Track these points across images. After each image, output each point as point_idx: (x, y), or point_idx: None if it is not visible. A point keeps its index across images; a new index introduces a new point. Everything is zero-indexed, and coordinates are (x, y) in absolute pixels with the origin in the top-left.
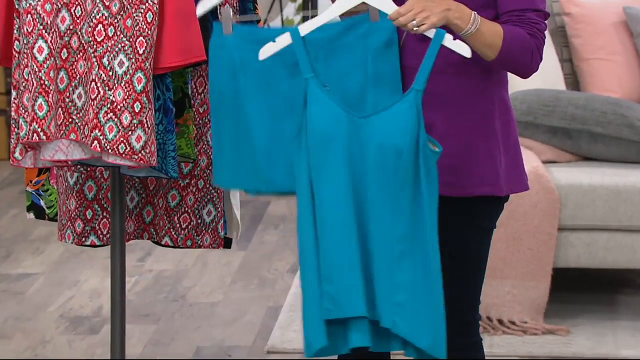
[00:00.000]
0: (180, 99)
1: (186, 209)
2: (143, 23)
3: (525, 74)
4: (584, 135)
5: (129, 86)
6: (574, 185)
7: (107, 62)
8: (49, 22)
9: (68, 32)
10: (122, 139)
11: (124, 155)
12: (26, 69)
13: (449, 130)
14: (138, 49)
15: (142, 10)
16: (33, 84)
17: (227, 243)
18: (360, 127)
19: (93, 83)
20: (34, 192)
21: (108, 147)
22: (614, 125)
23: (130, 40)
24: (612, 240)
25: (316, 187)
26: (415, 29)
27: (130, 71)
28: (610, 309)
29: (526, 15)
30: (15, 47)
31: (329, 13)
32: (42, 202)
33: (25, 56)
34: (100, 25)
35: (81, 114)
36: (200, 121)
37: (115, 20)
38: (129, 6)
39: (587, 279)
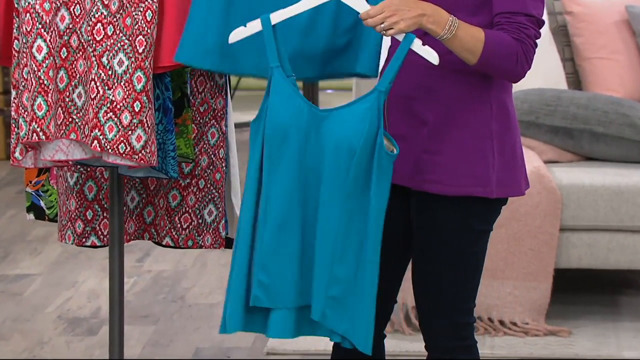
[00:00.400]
0: (179, 99)
1: (187, 209)
2: (142, 22)
3: (510, 79)
4: (586, 135)
5: (128, 85)
6: (576, 185)
7: (106, 61)
8: (48, 21)
9: (67, 31)
10: (122, 138)
11: (124, 155)
12: (25, 68)
13: (442, 127)
14: (138, 47)
15: (142, 9)
16: (32, 83)
17: (228, 243)
18: (321, 122)
19: (92, 82)
20: (33, 193)
21: (108, 147)
22: (615, 125)
23: (130, 39)
24: (614, 240)
25: (266, 177)
26: (383, 32)
27: (130, 70)
28: (613, 310)
29: (516, 19)
30: (14, 46)
31: (300, 6)
32: (42, 203)
33: (25, 55)
34: (99, 24)
35: (81, 114)
36: (201, 120)
37: (115, 19)
38: (128, 5)
39: (589, 279)
